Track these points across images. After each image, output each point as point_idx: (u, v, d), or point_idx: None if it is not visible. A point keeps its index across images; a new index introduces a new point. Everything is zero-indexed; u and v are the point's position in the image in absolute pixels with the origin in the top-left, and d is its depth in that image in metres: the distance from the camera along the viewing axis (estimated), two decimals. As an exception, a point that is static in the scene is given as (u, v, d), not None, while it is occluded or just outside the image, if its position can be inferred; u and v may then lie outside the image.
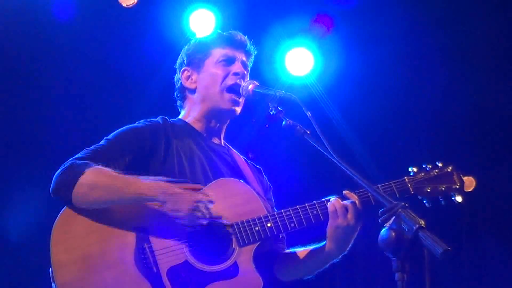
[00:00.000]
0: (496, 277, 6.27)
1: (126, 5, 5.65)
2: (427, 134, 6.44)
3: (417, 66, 6.19)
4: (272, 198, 3.47)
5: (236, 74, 3.32)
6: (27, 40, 5.62)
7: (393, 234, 2.24)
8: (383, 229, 2.29)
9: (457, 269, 6.28)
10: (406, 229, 2.24)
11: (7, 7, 5.39)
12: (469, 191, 6.13)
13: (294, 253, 3.30)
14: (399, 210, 2.31)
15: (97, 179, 2.93)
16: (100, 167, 2.96)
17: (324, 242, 3.13)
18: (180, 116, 3.46)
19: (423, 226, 2.23)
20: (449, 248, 2.14)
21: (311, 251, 3.24)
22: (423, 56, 6.15)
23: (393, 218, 2.31)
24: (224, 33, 3.47)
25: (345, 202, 3.04)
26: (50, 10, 5.51)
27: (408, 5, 5.91)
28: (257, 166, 3.55)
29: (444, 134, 6.38)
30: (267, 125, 3.09)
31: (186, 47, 3.52)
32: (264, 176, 3.53)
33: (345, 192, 3.08)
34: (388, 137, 6.40)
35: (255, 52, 3.49)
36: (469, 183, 6.32)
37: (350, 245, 3.13)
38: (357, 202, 3.03)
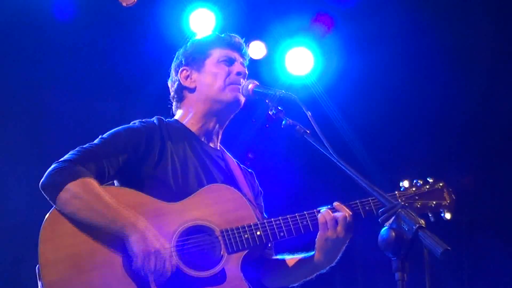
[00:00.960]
0: (496, 277, 6.27)
1: (126, 4, 5.65)
2: (427, 133, 6.44)
3: (417, 66, 6.18)
4: (262, 204, 3.45)
5: (238, 73, 3.32)
6: (27, 40, 5.62)
7: (393, 234, 2.24)
8: (383, 229, 2.28)
9: (457, 269, 6.28)
10: (406, 229, 2.24)
11: (7, 7, 5.39)
12: (469, 191, 6.13)
13: (282, 260, 3.29)
14: (399, 210, 2.31)
15: (82, 192, 2.91)
16: (91, 180, 2.94)
17: (313, 252, 3.13)
18: (176, 117, 3.42)
19: (423, 225, 2.23)
20: (449, 248, 2.14)
21: (300, 260, 3.23)
22: (423, 56, 6.15)
23: (393, 218, 2.31)
24: (223, 35, 3.47)
25: (336, 214, 3.04)
26: (50, 10, 5.51)
27: (408, 5, 5.91)
28: (249, 170, 3.53)
29: (444, 134, 6.38)
30: (267, 125, 3.08)
31: (182, 49, 3.49)
32: (256, 180, 3.51)
33: (335, 204, 3.08)
34: (388, 137, 6.40)
35: (249, 57, 3.50)
36: (469, 182, 6.33)
37: (338, 257, 3.13)
38: (347, 214, 3.03)
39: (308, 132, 2.89)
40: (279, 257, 3.32)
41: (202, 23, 5.72)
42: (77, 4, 5.59)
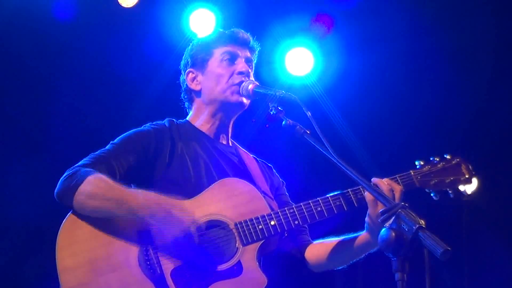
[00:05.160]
0: (496, 277, 6.26)
1: (126, 5, 5.65)
2: (427, 134, 6.44)
3: (417, 66, 6.18)
4: (286, 193, 3.47)
5: (241, 73, 3.32)
6: (27, 40, 5.62)
7: (393, 234, 2.24)
8: (383, 229, 2.28)
9: (457, 269, 6.28)
10: (406, 229, 2.24)
11: (7, 7, 5.40)
12: (471, 191, 6.14)
13: (329, 242, 3.26)
14: (399, 210, 2.31)
15: (95, 189, 2.94)
16: (101, 175, 2.97)
17: (360, 232, 3.08)
18: (187, 118, 3.46)
19: (423, 226, 2.23)
20: (449, 248, 2.14)
21: (348, 242, 3.16)
22: (423, 56, 6.15)
23: (393, 218, 2.31)
24: (226, 31, 3.47)
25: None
26: (50, 10, 5.52)
27: (409, 5, 5.91)
28: (269, 164, 3.56)
29: (444, 134, 6.38)
30: (267, 125, 3.09)
31: (189, 48, 3.51)
32: (276, 173, 3.53)
33: (385, 180, 2.99)
34: (388, 137, 6.40)
35: (259, 48, 3.49)
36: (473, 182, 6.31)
37: None
38: (399, 188, 2.97)
39: (308, 132, 2.90)
40: (324, 240, 3.30)
41: (202, 23, 5.72)
42: (77, 4, 5.59)
